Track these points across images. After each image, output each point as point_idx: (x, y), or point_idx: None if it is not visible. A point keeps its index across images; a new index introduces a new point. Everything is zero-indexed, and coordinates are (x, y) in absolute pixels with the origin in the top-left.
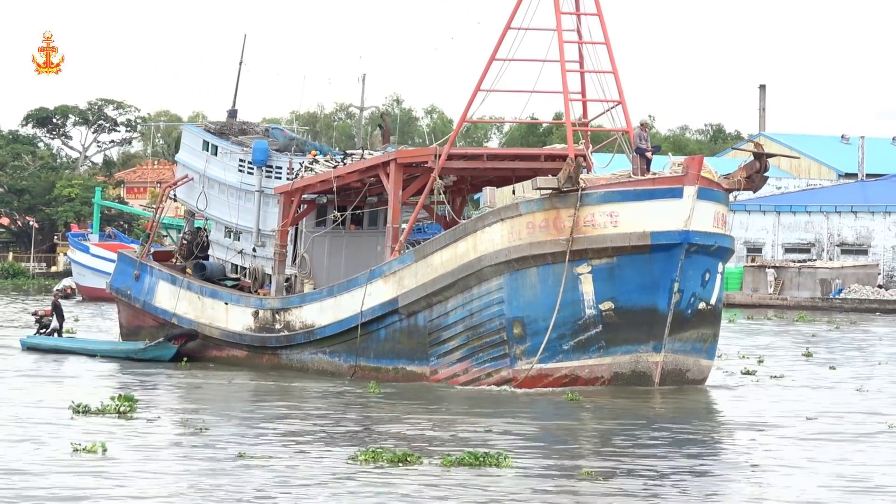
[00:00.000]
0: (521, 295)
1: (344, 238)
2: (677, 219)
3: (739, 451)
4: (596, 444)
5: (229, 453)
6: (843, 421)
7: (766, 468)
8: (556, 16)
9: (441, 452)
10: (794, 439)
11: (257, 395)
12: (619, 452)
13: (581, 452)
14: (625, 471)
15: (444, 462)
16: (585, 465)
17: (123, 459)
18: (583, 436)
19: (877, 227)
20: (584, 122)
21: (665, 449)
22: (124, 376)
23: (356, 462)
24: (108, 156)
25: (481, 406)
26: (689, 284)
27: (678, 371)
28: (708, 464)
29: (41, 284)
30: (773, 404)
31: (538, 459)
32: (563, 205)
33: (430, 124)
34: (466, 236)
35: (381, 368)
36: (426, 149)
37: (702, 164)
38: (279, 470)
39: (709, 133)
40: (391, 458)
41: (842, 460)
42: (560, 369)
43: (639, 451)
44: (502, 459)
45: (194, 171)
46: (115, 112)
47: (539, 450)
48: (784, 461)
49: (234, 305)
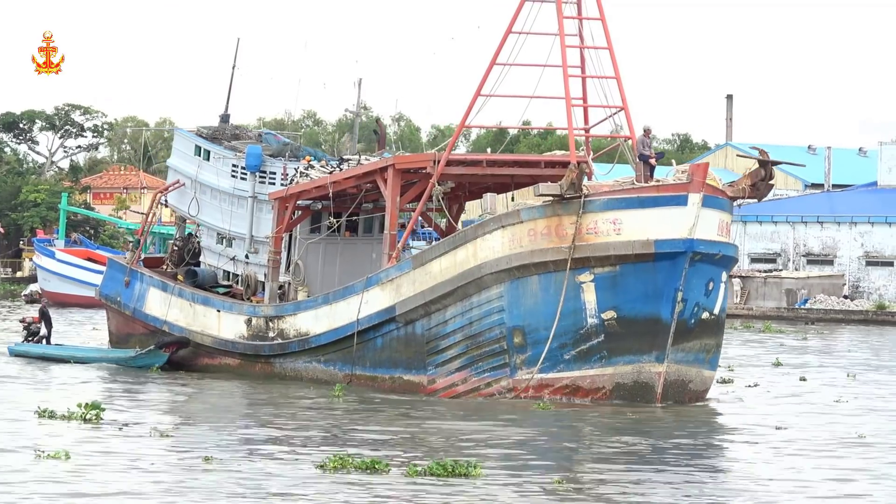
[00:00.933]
0: (521, 303)
1: (339, 245)
2: (682, 227)
3: (719, 460)
4: (572, 454)
5: (194, 459)
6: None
7: (741, 476)
8: (558, 20)
9: (413, 460)
10: (764, 448)
11: (230, 402)
12: (593, 462)
13: (555, 462)
14: (597, 480)
15: (410, 472)
16: (559, 474)
17: (87, 465)
18: (559, 445)
19: (842, 238)
20: (586, 128)
21: (638, 458)
22: (104, 383)
23: (324, 469)
24: (74, 161)
25: (460, 413)
26: (693, 294)
27: (681, 382)
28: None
29: (7, 290)
30: (750, 413)
31: (511, 468)
32: (566, 212)
33: (398, 132)
34: (466, 243)
35: (377, 377)
36: (425, 154)
37: (707, 172)
38: (243, 476)
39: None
40: (359, 465)
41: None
42: (561, 379)
43: (609, 461)
44: (472, 468)
45: (186, 177)
46: (83, 117)
47: (513, 459)
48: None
49: (226, 313)
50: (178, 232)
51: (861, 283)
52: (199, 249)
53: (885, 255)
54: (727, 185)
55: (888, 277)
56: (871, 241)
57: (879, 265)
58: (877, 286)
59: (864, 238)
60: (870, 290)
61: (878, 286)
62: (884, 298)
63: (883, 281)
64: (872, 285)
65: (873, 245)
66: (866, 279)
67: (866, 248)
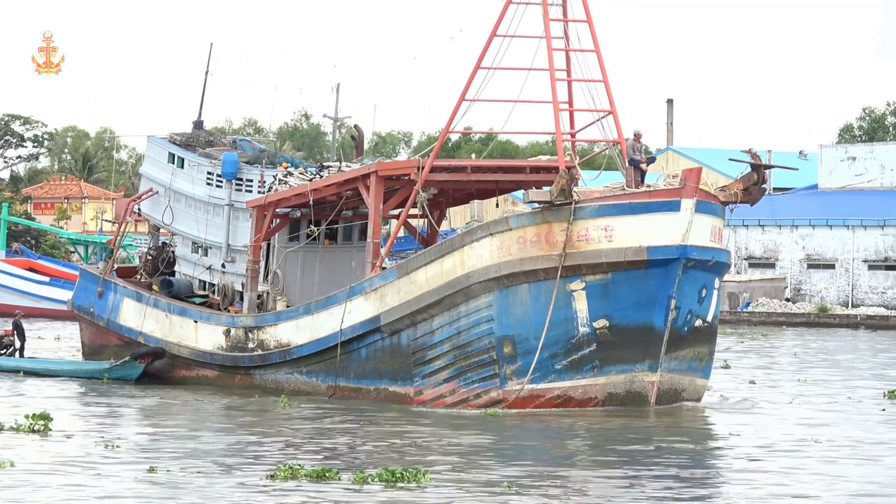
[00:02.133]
0: (511, 313)
1: (318, 253)
2: (675, 233)
3: (672, 463)
4: (523, 459)
5: (140, 469)
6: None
7: (686, 480)
8: (544, 22)
9: (364, 467)
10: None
11: (184, 412)
12: (546, 466)
13: (509, 467)
14: (547, 482)
15: (357, 479)
16: (509, 478)
17: (30, 475)
18: (512, 450)
19: (784, 241)
20: (572, 132)
21: (593, 463)
22: (67, 394)
23: (275, 479)
24: (14, 171)
25: (416, 420)
26: (686, 301)
27: (674, 391)
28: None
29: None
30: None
31: (462, 474)
32: (556, 219)
33: (340, 139)
34: (453, 252)
35: (361, 389)
36: (408, 161)
37: (700, 177)
38: (188, 486)
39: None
40: (310, 474)
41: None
42: (552, 389)
43: (566, 465)
44: (421, 475)
45: (159, 185)
46: (23, 128)
47: (465, 465)
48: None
49: (204, 323)
50: (152, 241)
51: (803, 285)
52: (173, 259)
53: (826, 257)
54: (719, 189)
55: (829, 280)
56: (812, 244)
57: (821, 268)
58: (818, 289)
59: (806, 241)
60: (811, 293)
61: (819, 289)
62: (825, 301)
63: (824, 283)
64: (814, 288)
65: (814, 248)
66: (808, 282)
67: (807, 251)
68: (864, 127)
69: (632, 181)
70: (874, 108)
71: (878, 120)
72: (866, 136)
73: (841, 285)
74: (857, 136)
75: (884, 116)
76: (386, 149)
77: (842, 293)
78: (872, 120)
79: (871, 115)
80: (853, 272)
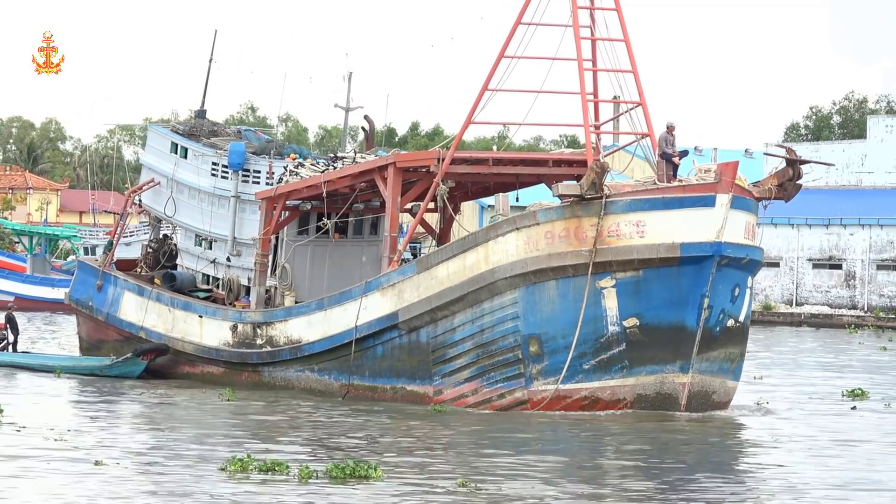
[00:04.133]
0: (538, 310)
1: (328, 247)
2: (709, 229)
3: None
4: (479, 457)
5: (86, 462)
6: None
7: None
8: (572, 10)
9: (315, 462)
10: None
11: (141, 406)
12: (505, 465)
13: (465, 463)
14: (501, 477)
15: (302, 474)
16: (464, 476)
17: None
18: (468, 446)
19: None
20: (597, 124)
21: (546, 465)
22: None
23: (225, 472)
24: None
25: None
26: (719, 300)
27: (704, 393)
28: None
29: None
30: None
31: (415, 471)
32: (586, 213)
33: (285, 132)
34: (476, 246)
35: (377, 388)
36: (428, 152)
37: (736, 171)
38: (132, 479)
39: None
40: (260, 467)
41: None
42: (580, 390)
43: (518, 464)
44: (372, 471)
45: (161, 175)
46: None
47: (421, 461)
48: None
49: (209, 318)
50: (153, 233)
51: None
52: (175, 251)
53: (770, 256)
54: (752, 184)
55: (774, 278)
56: None
57: (765, 266)
58: (763, 287)
59: None
60: (756, 291)
61: (763, 287)
62: (770, 299)
63: (769, 282)
64: (758, 286)
65: None
66: None
67: None
68: (810, 126)
69: (664, 175)
70: (820, 108)
71: (823, 119)
72: (812, 136)
73: (785, 283)
74: (804, 136)
75: (829, 116)
76: (332, 142)
77: (786, 291)
78: (818, 119)
79: (818, 114)
80: (797, 270)
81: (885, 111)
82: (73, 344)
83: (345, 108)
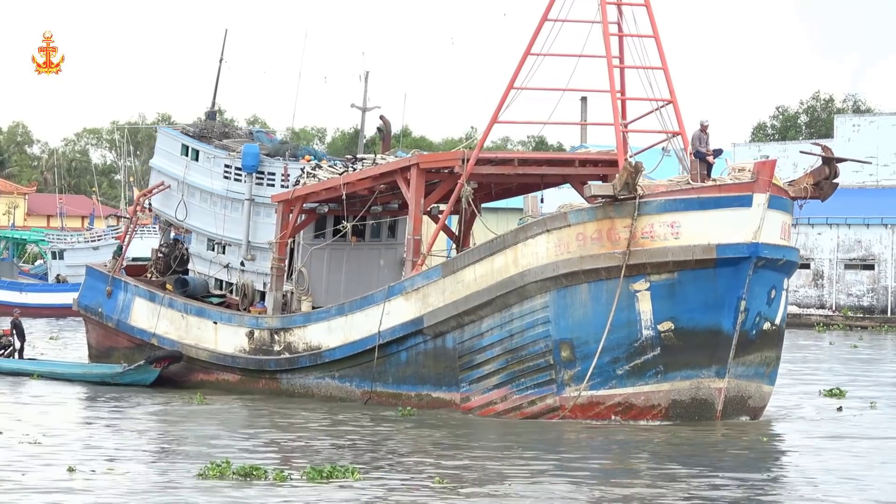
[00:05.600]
0: (569, 314)
1: (344, 251)
2: (746, 230)
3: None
4: (462, 456)
5: (59, 468)
6: None
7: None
8: (601, 5)
9: (298, 467)
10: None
11: (117, 412)
12: (481, 462)
13: (447, 463)
14: (475, 479)
15: (277, 477)
16: (440, 475)
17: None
18: (446, 448)
19: None
20: (625, 123)
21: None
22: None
23: (202, 477)
24: None
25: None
26: (755, 302)
27: (740, 398)
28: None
29: None
30: None
31: (394, 473)
32: (619, 214)
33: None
34: (505, 249)
35: (401, 395)
36: (452, 152)
37: (774, 170)
38: (103, 484)
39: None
40: (238, 472)
41: None
42: (613, 396)
43: (496, 460)
44: (350, 473)
45: (172, 178)
46: None
47: (400, 464)
48: None
49: (224, 325)
50: (163, 238)
51: None
52: (186, 256)
53: None
54: (787, 183)
55: None
56: None
57: None
58: None
59: None
60: None
61: None
62: None
63: None
64: None
65: None
66: None
67: None
68: (776, 126)
69: (697, 174)
70: (787, 108)
71: (790, 119)
72: (779, 136)
73: None
74: (770, 135)
75: (796, 115)
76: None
77: None
78: (785, 119)
79: (785, 113)
80: None
81: (852, 110)
82: (47, 347)
83: (361, 108)
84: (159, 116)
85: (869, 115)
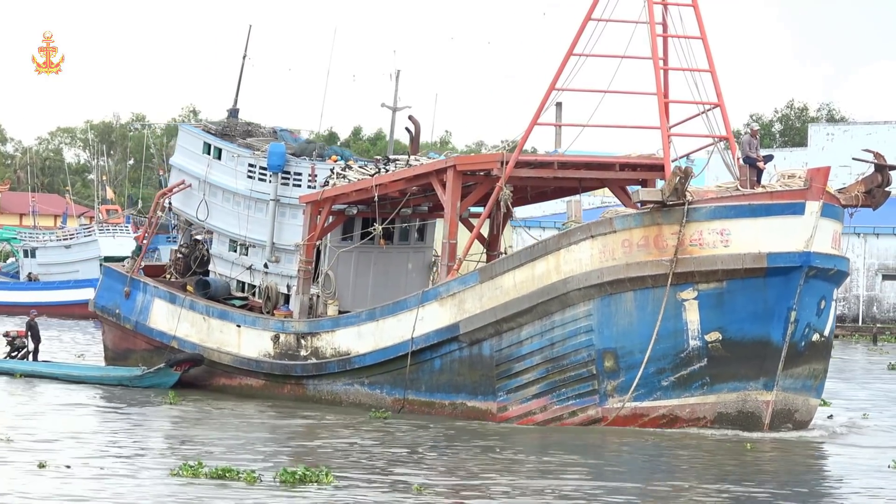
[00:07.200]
0: (614, 323)
1: (372, 254)
2: (798, 238)
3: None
4: (440, 462)
5: (28, 463)
6: None
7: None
8: (648, 5)
9: (271, 468)
10: None
11: (93, 411)
12: (459, 469)
13: (421, 469)
14: (462, 485)
15: (248, 479)
16: (420, 481)
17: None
18: (425, 452)
19: None
20: (670, 126)
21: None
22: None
23: (175, 477)
24: None
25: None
26: (805, 313)
27: (787, 411)
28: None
29: None
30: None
31: (370, 475)
32: (666, 221)
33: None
34: (547, 255)
35: (434, 403)
36: (490, 154)
37: (827, 177)
38: (73, 482)
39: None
40: (211, 473)
41: None
42: (657, 408)
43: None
44: (323, 476)
45: (193, 177)
46: None
47: (380, 467)
48: None
49: (248, 328)
50: (183, 238)
51: None
52: (207, 257)
53: None
54: (838, 191)
55: None
56: None
57: None
58: None
59: None
60: None
61: None
62: None
63: None
64: None
65: None
66: None
67: None
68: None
69: (746, 181)
70: (762, 115)
71: (765, 127)
72: None
73: None
74: None
75: (771, 123)
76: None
77: None
78: (760, 127)
79: (759, 121)
80: None
81: (826, 119)
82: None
83: (392, 108)
84: (133, 116)
85: (843, 125)
